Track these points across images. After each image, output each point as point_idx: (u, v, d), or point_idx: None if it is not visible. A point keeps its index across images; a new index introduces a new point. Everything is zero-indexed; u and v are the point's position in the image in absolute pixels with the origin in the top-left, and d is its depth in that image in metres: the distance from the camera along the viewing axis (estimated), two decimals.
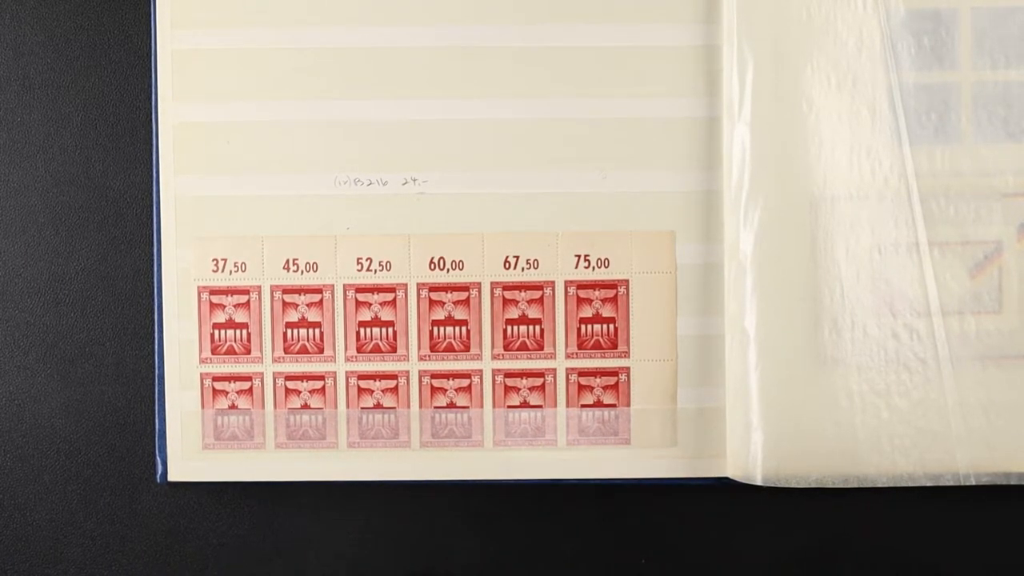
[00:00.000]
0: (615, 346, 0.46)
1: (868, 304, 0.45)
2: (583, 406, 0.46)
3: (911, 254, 0.45)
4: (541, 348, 0.46)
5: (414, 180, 0.46)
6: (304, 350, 0.46)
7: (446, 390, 0.46)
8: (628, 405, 0.46)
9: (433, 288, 0.46)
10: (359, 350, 0.46)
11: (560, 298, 0.46)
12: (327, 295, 0.46)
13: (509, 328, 0.46)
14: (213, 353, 0.46)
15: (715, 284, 0.46)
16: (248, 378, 0.46)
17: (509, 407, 0.46)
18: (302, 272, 0.46)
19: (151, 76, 0.46)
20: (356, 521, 0.47)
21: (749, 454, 0.45)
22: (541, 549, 0.47)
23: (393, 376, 0.46)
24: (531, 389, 0.46)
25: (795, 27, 0.45)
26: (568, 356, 0.46)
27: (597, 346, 0.46)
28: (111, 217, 0.47)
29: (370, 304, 0.46)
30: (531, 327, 0.46)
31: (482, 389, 0.46)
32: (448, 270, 0.46)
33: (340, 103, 0.46)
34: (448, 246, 0.46)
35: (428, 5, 0.46)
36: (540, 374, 0.46)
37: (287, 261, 0.46)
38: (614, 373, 0.46)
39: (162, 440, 0.46)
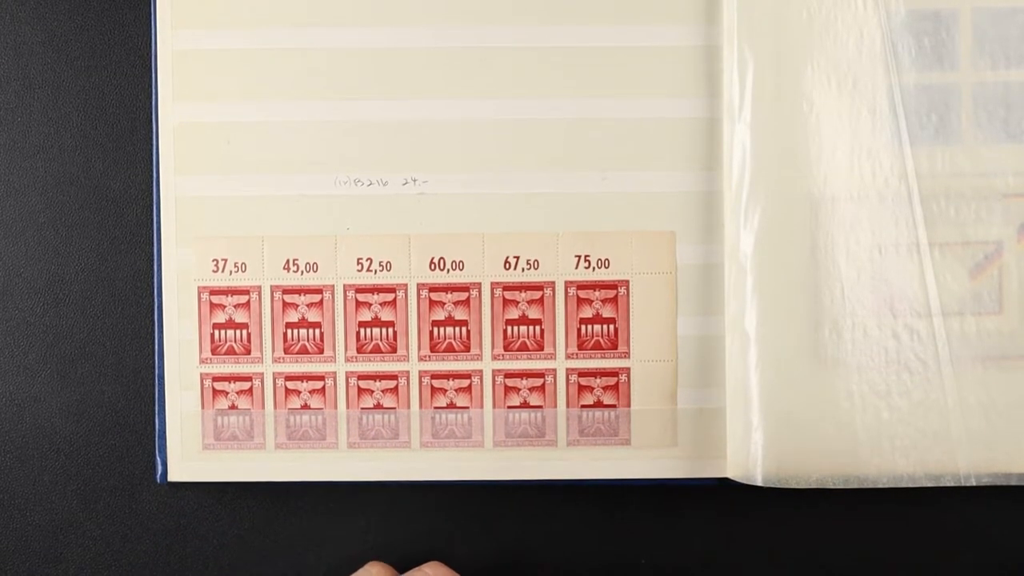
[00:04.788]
0: (615, 346, 0.46)
1: (868, 305, 0.45)
2: (583, 406, 0.46)
3: (911, 255, 0.45)
4: (541, 348, 0.46)
5: (414, 180, 0.46)
6: (304, 350, 0.46)
7: (446, 390, 0.46)
8: (628, 405, 0.46)
9: (433, 288, 0.46)
10: (359, 350, 0.46)
11: (560, 298, 0.46)
12: (327, 295, 0.46)
13: (509, 328, 0.46)
14: (213, 353, 0.46)
15: (715, 284, 0.46)
16: (248, 378, 0.46)
17: (509, 407, 0.46)
18: (302, 272, 0.46)
19: (151, 76, 0.46)
20: (356, 521, 0.47)
21: (749, 454, 0.45)
22: (541, 549, 0.47)
23: (393, 376, 0.46)
24: (531, 389, 0.46)
25: (795, 28, 0.45)
26: (568, 356, 0.46)
27: (597, 346, 0.46)
28: (111, 217, 0.47)
29: (370, 304, 0.46)
30: (531, 327, 0.46)
31: (482, 389, 0.46)
32: (448, 270, 0.46)
33: (340, 103, 0.46)
34: (448, 246, 0.46)
35: (428, 5, 0.46)
36: (540, 374, 0.46)
37: (287, 261, 0.46)
38: (614, 373, 0.46)
39: (162, 440, 0.46)
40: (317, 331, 0.46)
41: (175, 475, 0.46)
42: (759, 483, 0.45)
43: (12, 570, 0.48)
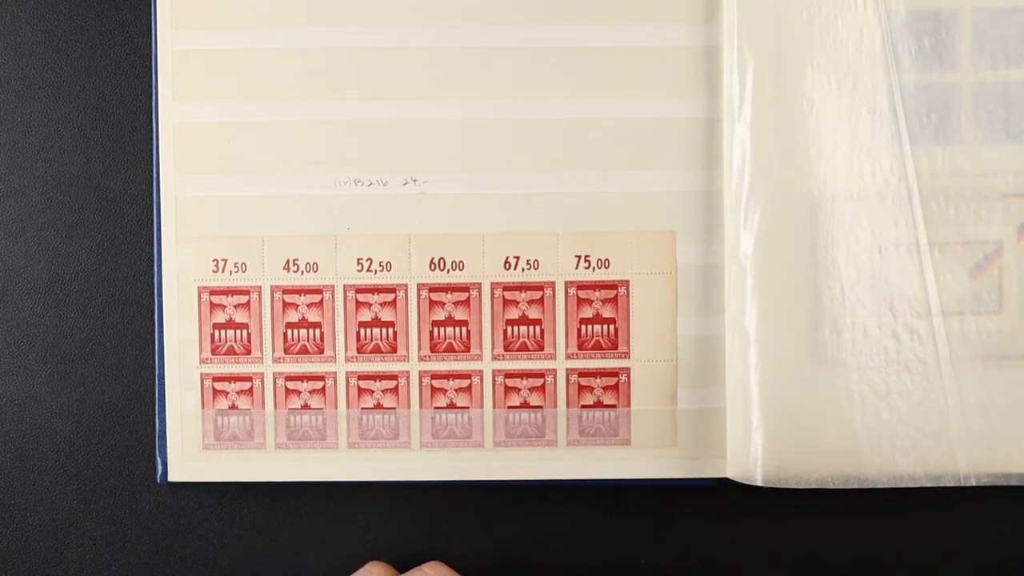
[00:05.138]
0: (615, 346, 0.46)
1: (868, 304, 0.45)
2: (583, 406, 0.46)
3: (911, 254, 0.45)
4: (541, 348, 0.46)
5: (414, 180, 0.46)
6: (304, 350, 0.46)
7: (446, 390, 0.46)
8: (628, 405, 0.46)
9: (433, 288, 0.46)
10: (359, 350, 0.46)
11: (560, 298, 0.46)
12: (327, 295, 0.46)
13: (509, 328, 0.46)
14: (213, 353, 0.46)
15: (715, 284, 0.46)
16: (248, 378, 0.46)
17: (509, 407, 0.46)
18: (302, 272, 0.46)
19: (151, 76, 0.46)
20: (356, 521, 0.47)
21: (749, 454, 0.45)
22: (541, 549, 0.47)
23: (393, 376, 0.46)
24: (531, 389, 0.46)
25: (795, 27, 0.45)
26: (568, 356, 0.46)
27: (597, 346, 0.46)
28: (111, 217, 0.47)
29: (370, 304, 0.46)
30: (531, 327, 0.46)
31: (482, 389, 0.46)
32: (448, 270, 0.46)
33: (340, 103, 0.46)
34: (448, 246, 0.46)
35: (428, 5, 0.46)
36: (540, 374, 0.46)
37: (287, 261, 0.46)
38: (614, 373, 0.46)
39: (162, 440, 0.46)
40: (317, 331, 0.46)
41: (175, 475, 0.46)
42: (759, 483, 0.45)
43: (12, 570, 0.48)
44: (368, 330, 0.46)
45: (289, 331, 0.46)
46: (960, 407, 0.45)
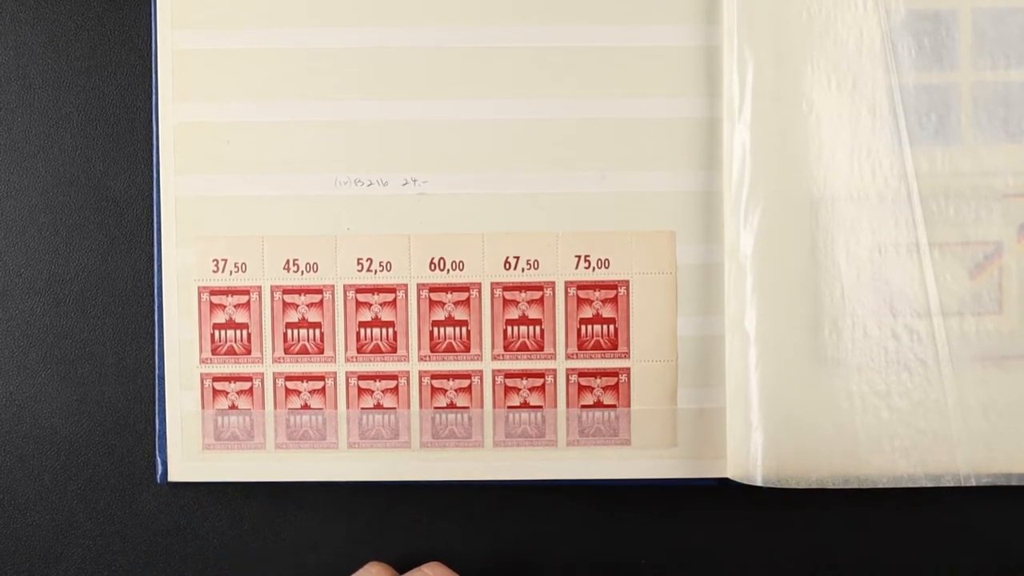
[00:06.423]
0: (615, 346, 0.46)
1: (868, 305, 0.45)
2: (583, 406, 0.46)
3: (911, 255, 0.45)
4: (541, 348, 0.46)
5: (414, 180, 0.46)
6: (304, 350, 0.46)
7: (446, 390, 0.46)
8: (628, 405, 0.46)
9: (433, 288, 0.46)
10: (359, 350, 0.46)
11: (560, 298, 0.46)
12: (327, 295, 0.46)
13: (509, 328, 0.46)
14: (213, 353, 0.46)
15: (715, 284, 0.46)
16: (248, 378, 0.46)
17: (509, 407, 0.46)
18: (302, 272, 0.46)
19: (151, 76, 0.46)
20: (356, 521, 0.47)
21: (749, 454, 0.45)
22: (541, 549, 0.47)
23: (393, 376, 0.46)
24: (531, 389, 0.46)
25: (795, 28, 0.45)
26: (568, 356, 0.46)
27: (597, 346, 0.46)
28: (111, 217, 0.47)
29: (370, 304, 0.46)
30: (531, 328, 0.46)
31: (482, 389, 0.46)
32: (448, 270, 0.46)
33: (340, 103, 0.46)
34: (448, 246, 0.46)
35: (428, 5, 0.46)
36: (540, 374, 0.46)
37: (287, 261, 0.46)
38: (614, 373, 0.46)
39: (162, 440, 0.46)
40: (317, 331, 0.46)
41: (175, 475, 0.46)
42: (759, 483, 0.45)
43: (12, 570, 0.48)
44: (368, 330, 0.46)
45: (289, 331, 0.46)
46: (960, 407, 0.45)
